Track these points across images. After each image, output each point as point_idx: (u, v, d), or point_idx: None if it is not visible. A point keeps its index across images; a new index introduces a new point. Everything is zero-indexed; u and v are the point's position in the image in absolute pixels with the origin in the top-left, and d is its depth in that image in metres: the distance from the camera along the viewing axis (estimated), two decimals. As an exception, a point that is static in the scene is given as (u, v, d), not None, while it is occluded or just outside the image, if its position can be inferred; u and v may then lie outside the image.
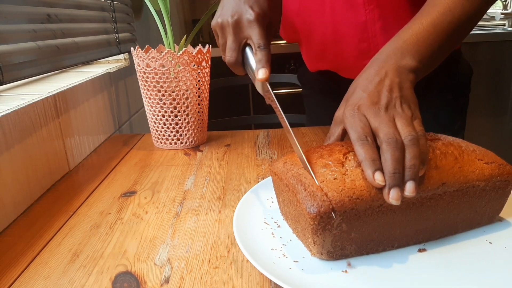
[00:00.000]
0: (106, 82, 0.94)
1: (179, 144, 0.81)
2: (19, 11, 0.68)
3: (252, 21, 0.53)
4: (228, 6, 0.55)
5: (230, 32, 0.54)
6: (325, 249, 0.41)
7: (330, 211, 0.39)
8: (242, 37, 0.54)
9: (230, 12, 0.54)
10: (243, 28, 0.53)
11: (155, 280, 0.42)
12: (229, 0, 0.55)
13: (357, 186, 0.40)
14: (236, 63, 0.54)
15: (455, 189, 0.43)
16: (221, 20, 0.55)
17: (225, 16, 0.54)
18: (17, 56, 0.64)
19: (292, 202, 0.43)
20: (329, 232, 0.40)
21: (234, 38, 0.54)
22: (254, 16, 0.53)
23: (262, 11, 0.54)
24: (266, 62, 0.51)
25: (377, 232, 0.42)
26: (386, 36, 0.75)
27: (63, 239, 0.50)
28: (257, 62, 0.52)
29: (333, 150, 0.44)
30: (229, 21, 0.54)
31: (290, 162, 0.46)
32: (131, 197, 0.60)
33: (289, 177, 0.44)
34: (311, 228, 0.39)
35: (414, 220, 0.43)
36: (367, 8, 0.73)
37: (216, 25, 0.56)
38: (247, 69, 0.56)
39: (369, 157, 0.40)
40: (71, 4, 0.87)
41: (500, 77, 2.12)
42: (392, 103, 0.45)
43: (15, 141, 0.57)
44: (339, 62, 0.84)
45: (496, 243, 0.44)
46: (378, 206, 0.41)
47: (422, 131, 0.43)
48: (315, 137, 0.84)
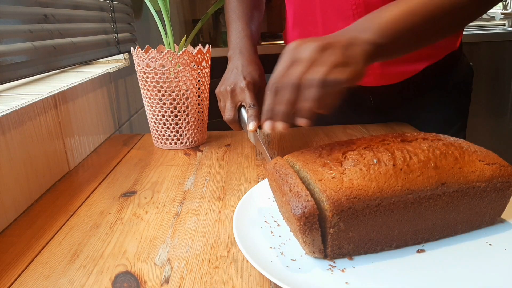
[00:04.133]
0: (106, 82, 0.94)
1: (179, 144, 0.81)
2: (15, 11, 0.68)
3: (244, 87, 0.67)
4: (228, 77, 0.71)
5: (228, 97, 0.69)
6: (316, 247, 0.41)
7: (315, 212, 0.39)
8: (237, 100, 0.68)
9: (228, 82, 0.70)
10: (238, 93, 0.68)
11: (155, 280, 0.42)
12: (229, 73, 0.72)
13: (355, 185, 0.40)
14: (233, 120, 0.69)
15: (455, 189, 0.43)
16: (223, 89, 0.70)
17: (225, 86, 0.70)
18: (12, 56, 0.64)
19: (283, 203, 0.43)
20: (316, 232, 0.40)
21: (231, 101, 0.68)
22: (245, 83, 0.68)
23: (252, 80, 0.69)
24: (255, 117, 0.65)
25: (375, 232, 0.42)
26: None
27: (63, 239, 0.50)
28: (248, 117, 0.66)
29: (333, 149, 0.45)
30: (227, 89, 0.69)
31: (280, 163, 0.46)
32: (131, 197, 0.60)
33: (277, 178, 0.44)
34: (299, 228, 0.39)
35: (413, 220, 0.43)
36: (357, 19, 0.74)
37: (219, 92, 0.71)
38: (242, 125, 0.70)
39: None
40: (69, 4, 0.87)
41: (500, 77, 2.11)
42: (316, 54, 0.46)
43: (15, 141, 0.57)
44: None
45: (496, 245, 0.44)
46: (376, 205, 0.41)
47: (320, 78, 0.45)
48: (316, 137, 0.84)
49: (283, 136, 0.86)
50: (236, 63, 0.72)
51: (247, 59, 0.73)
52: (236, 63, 0.73)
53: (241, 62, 0.72)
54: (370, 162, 0.42)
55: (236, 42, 0.77)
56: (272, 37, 2.02)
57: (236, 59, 0.73)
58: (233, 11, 0.82)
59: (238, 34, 0.78)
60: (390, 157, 0.42)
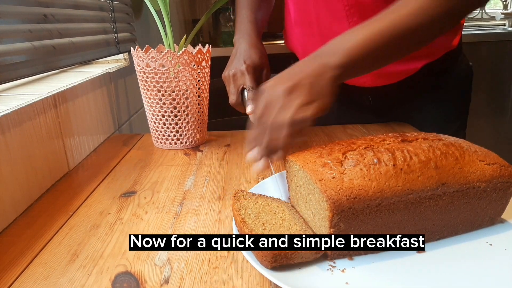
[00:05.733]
0: (106, 82, 0.94)
1: (179, 144, 0.81)
2: (15, 11, 0.68)
3: (244, 71, 0.71)
4: (230, 63, 0.75)
5: (230, 81, 0.73)
6: None
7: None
8: (239, 84, 0.72)
9: (231, 66, 0.73)
10: (239, 77, 0.72)
11: (155, 280, 0.41)
12: (232, 59, 0.75)
13: (355, 185, 0.40)
14: (237, 104, 0.72)
15: (455, 189, 0.43)
16: (226, 73, 0.74)
17: (228, 70, 0.73)
18: (11, 56, 0.64)
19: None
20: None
21: (234, 84, 0.72)
22: (245, 67, 0.71)
23: (252, 63, 0.72)
24: (254, 99, 0.68)
25: (375, 232, 0.42)
26: None
27: (62, 239, 0.50)
28: (248, 99, 0.70)
29: (333, 149, 0.45)
30: (230, 73, 0.73)
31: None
32: (131, 197, 0.60)
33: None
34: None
35: (413, 220, 0.43)
36: (351, 20, 0.77)
37: (223, 77, 0.75)
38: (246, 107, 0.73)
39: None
40: (69, 4, 0.87)
41: (500, 77, 2.11)
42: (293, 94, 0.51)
43: (14, 141, 0.57)
44: None
45: (496, 245, 0.44)
46: (376, 205, 0.40)
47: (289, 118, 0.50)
48: (315, 137, 0.84)
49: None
50: (239, 47, 0.76)
51: (249, 43, 0.76)
52: (238, 47, 0.76)
53: (243, 46, 0.76)
54: (371, 162, 0.41)
55: (240, 28, 0.81)
56: (272, 37, 2.02)
57: (239, 44, 0.77)
58: (242, 0, 0.86)
59: (243, 20, 0.82)
60: (391, 157, 0.42)
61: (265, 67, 0.75)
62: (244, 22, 0.81)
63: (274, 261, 0.39)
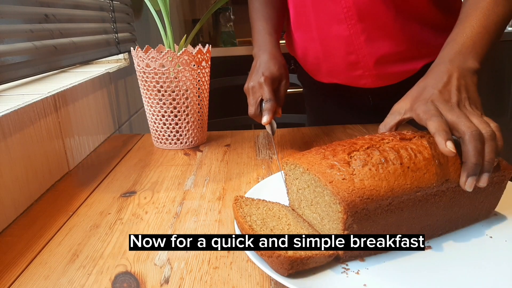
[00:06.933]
0: (106, 82, 0.94)
1: (179, 144, 0.81)
2: (16, 11, 0.68)
3: (262, 83, 0.72)
4: (251, 76, 0.76)
5: (250, 93, 0.74)
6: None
7: None
8: (258, 96, 0.72)
9: (250, 80, 0.75)
10: (257, 90, 0.73)
11: (155, 280, 0.41)
12: (252, 72, 0.77)
13: (367, 185, 0.40)
14: (255, 115, 0.72)
15: (457, 185, 0.44)
16: (246, 86, 0.75)
17: (248, 84, 0.75)
18: (13, 56, 0.64)
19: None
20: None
21: (253, 97, 0.73)
22: (263, 79, 0.72)
23: (270, 74, 0.73)
24: (269, 110, 0.70)
25: (384, 231, 0.42)
26: (371, 47, 0.79)
27: (62, 239, 0.50)
28: (264, 111, 0.71)
29: (336, 150, 0.44)
30: (249, 86, 0.74)
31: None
32: (131, 197, 0.60)
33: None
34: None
35: (420, 217, 0.43)
36: (349, 23, 0.78)
37: (245, 89, 0.76)
38: None
39: (443, 128, 0.44)
40: (70, 4, 0.87)
41: (500, 77, 2.11)
42: (462, 102, 0.49)
43: (15, 141, 0.57)
44: (333, 75, 0.86)
45: (497, 237, 0.45)
46: (387, 204, 0.41)
47: (496, 127, 0.46)
48: (316, 137, 0.84)
49: (283, 135, 0.86)
50: (259, 60, 0.78)
51: (269, 55, 0.78)
52: (258, 60, 0.78)
53: (262, 58, 0.77)
54: (378, 161, 0.41)
55: (259, 40, 0.83)
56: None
57: (258, 56, 0.79)
58: (255, 11, 0.87)
59: (260, 33, 0.84)
60: (397, 156, 0.42)
61: (284, 78, 0.76)
62: (261, 34, 0.83)
63: (291, 267, 0.38)
